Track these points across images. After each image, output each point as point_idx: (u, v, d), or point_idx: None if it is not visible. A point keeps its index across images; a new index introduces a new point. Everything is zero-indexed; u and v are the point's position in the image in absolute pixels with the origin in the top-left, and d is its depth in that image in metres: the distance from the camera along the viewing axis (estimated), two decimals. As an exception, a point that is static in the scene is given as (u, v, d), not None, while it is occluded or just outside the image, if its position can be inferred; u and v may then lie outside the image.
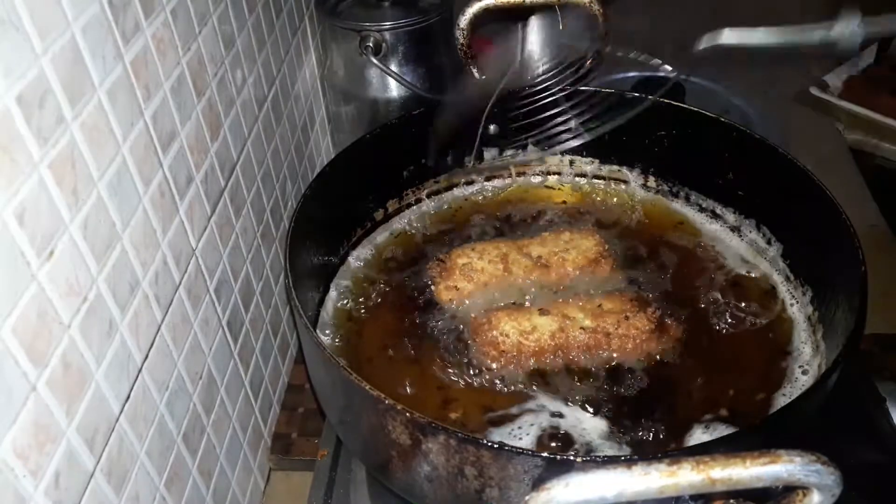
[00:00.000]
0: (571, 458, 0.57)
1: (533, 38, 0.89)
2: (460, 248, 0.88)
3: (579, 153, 1.01)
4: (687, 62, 1.44)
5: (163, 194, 0.70)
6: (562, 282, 0.85)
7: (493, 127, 0.99)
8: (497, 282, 0.85)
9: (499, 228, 0.95)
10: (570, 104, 0.90)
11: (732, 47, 0.80)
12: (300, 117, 1.14)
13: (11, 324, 0.48)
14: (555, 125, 0.92)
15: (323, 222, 0.84)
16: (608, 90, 0.90)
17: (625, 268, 0.87)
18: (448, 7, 1.15)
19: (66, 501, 0.55)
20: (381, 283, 0.88)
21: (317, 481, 0.89)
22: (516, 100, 0.91)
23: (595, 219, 0.96)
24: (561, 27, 1.54)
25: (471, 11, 0.95)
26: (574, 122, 0.91)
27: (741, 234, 0.92)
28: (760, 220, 0.90)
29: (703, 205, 0.96)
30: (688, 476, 0.46)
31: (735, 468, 0.45)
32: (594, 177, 1.02)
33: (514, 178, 1.03)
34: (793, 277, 0.85)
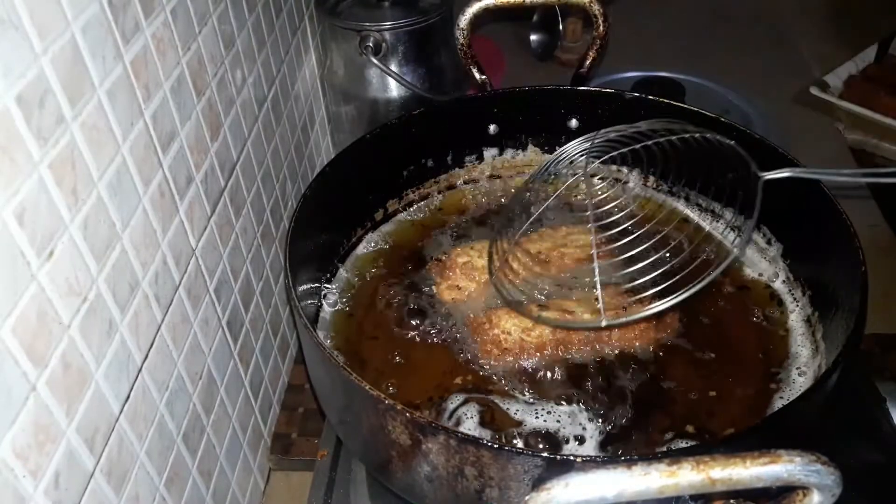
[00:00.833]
0: (571, 458, 0.56)
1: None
2: (460, 248, 0.88)
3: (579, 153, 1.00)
4: (687, 63, 1.44)
5: (163, 194, 0.70)
6: (560, 277, 0.85)
7: (492, 127, 0.99)
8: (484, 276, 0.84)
9: (499, 229, 0.95)
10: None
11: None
12: (300, 117, 1.14)
13: (11, 324, 0.48)
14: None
15: (323, 222, 0.84)
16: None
17: (623, 264, 0.87)
18: (448, 7, 1.15)
19: (66, 501, 0.55)
20: (381, 283, 0.88)
21: (317, 481, 0.89)
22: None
23: (594, 216, 0.95)
24: (561, 27, 1.54)
25: (471, 11, 0.95)
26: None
27: (741, 234, 0.92)
28: (760, 220, 0.90)
29: (703, 204, 0.96)
30: (688, 476, 0.46)
31: (735, 468, 0.45)
32: (593, 176, 1.02)
33: (514, 177, 1.03)
34: (793, 277, 0.85)
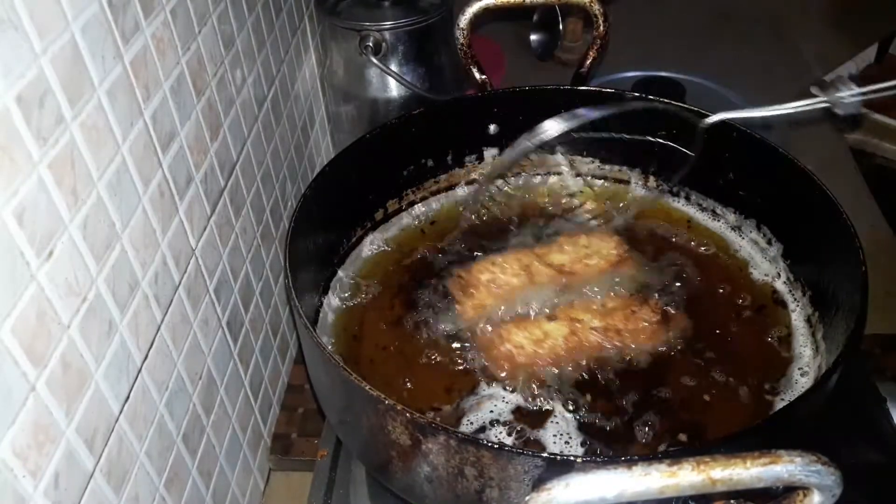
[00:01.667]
0: (572, 459, 0.56)
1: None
2: (481, 262, 0.86)
3: (579, 153, 1.01)
4: (687, 63, 1.44)
5: (162, 194, 0.70)
6: (571, 287, 0.84)
7: (493, 127, 0.99)
8: (507, 292, 0.83)
9: (499, 228, 0.95)
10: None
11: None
12: (300, 117, 1.14)
13: (11, 324, 0.48)
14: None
15: (323, 222, 0.84)
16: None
17: (634, 267, 0.87)
18: (448, 7, 1.15)
19: (66, 502, 0.55)
20: (381, 283, 0.88)
21: (316, 481, 0.89)
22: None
23: (597, 218, 0.96)
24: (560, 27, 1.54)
25: (471, 11, 0.95)
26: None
27: (742, 234, 0.92)
28: (761, 220, 0.90)
29: (704, 204, 0.96)
30: (688, 476, 0.45)
31: (736, 468, 0.45)
32: (594, 176, 1.02)
33: (514, 177, 1.03)
34: (793, 278, 0.85)
